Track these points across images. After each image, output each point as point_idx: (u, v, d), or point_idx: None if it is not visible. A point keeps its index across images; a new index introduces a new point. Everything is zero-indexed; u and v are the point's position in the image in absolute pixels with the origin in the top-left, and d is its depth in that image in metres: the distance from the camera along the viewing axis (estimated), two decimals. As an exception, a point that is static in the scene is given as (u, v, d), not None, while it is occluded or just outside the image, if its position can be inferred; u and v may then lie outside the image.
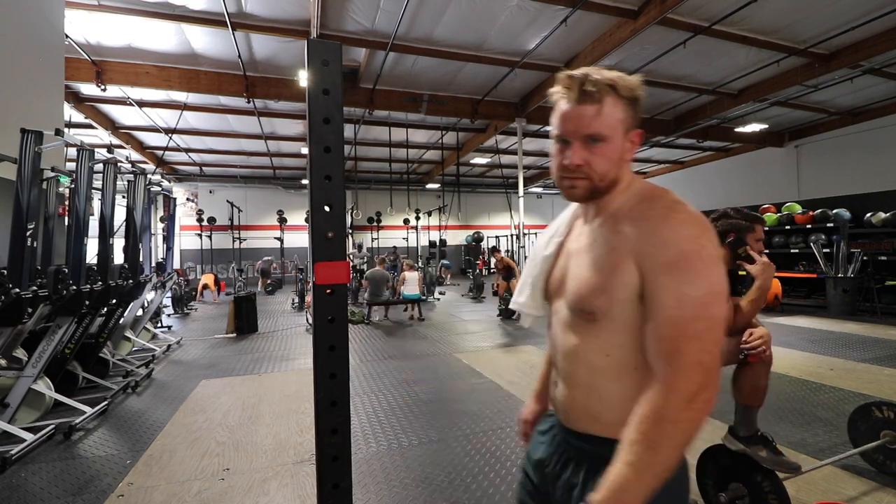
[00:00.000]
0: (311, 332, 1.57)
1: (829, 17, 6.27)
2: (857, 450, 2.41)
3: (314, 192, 0.99)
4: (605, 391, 0.84)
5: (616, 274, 0.79)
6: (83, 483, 2.55)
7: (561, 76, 0.84)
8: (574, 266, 0.90)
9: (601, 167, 0.82)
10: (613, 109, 0.80)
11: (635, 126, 0.85)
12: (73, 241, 3.80)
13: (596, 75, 0.81)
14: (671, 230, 0.75)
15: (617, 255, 0.80)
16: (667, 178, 17.18)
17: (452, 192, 15.73)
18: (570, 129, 0.82)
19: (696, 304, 0.71)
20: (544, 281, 1.00)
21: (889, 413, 2.39)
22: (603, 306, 0.80)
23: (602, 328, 0.82)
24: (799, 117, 11.04)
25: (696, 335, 0.71)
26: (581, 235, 0.93)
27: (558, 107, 0.84)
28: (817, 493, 2.28)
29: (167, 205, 7.28)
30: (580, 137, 0.81)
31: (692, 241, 0.74)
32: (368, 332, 7.19)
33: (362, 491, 2.40)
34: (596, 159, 0.82)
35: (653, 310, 0.75)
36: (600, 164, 0.82)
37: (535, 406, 1.20)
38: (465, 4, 5.89)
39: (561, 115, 0.83)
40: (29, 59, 4.54)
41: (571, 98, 0.82)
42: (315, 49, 0.99)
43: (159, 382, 4.54)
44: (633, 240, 0.78)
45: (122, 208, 4.71)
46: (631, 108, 0.83)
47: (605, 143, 0.81)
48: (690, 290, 0.72)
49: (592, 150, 0.81)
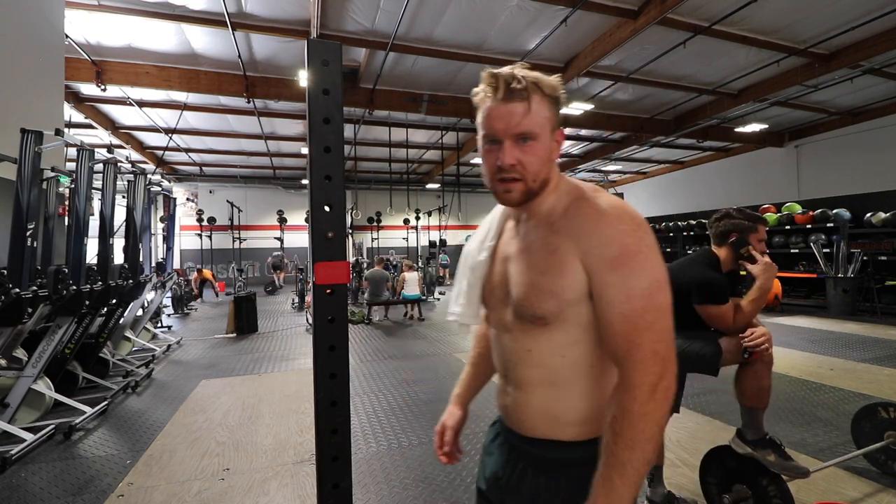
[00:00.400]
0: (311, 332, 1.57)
1: (829, 17, 6.27)
2: (862, 450, 2.40)
3: (314, 192, 0.99)
4: (564, 391, 0.83)
5: (562, 275, 0.78)
6: (83, 483, 2.55)
7: (486, 74, 0.83)
8: (515, 272, 0.87)
9: (533, 168, 0.81)
10: (540, 107, 0.80)
11: (559, 125, 0.85)
12: (73, 241, 3.81)
13: (521, 73, 0.80)
14: (610, 226, 0.76)
15: (560, 256, 0.79)
16: (667, 178, 17.18)
17: (452, 192, 15.73)
18: (501, 128, 0.80)
19: (644, 295, 0.72)
20: (481, 288, 0.97)
21: (894, 414, 2.38)
22: (553, 309, 0.79)
23: (554, 330, 0.81)
24: (799, 117, 11.04)
25: (648, 326, 0.72)
26: (515, 239, 0.91)
27: (484, 106, 0.82)
28: (817, 493, 2.28)
29: (167, 205, 7.27)
30: (511, 136, 0.80)
31: (631, 235, 0.75)
32: (368, 332, 7.19)
33: (362, 491, 2.40)
34: (528, 158, 0.80)
35: (604, 307, 0.75)
36: (533, 163, 0.81)
37: (458, 411, 1.13)
38: (465, 4, 5.89)
39: (489, 113, 0.81)
40: (29, 59, 4.54)
41: (498, 96, 0.80)
42: (315, 49, 0.99)
43: (159, 382, 4.54)
44: (575, 240, 0.78)
45: (122, 208, 4.72)
46: (554, 106, 0.83)
47: (535, 142, 0.80)
48: (636, 282, 0.72)
49: (524, 150, 0.80)
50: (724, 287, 1.90)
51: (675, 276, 2.02)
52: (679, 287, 1.99)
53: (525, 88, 0.79)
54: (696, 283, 1.92)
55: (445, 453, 1.10)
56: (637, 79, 8.34)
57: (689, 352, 1.93)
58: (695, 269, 1.96)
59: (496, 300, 0.93)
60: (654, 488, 2.13)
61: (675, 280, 2.16)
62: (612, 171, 17.68)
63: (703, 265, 1.98)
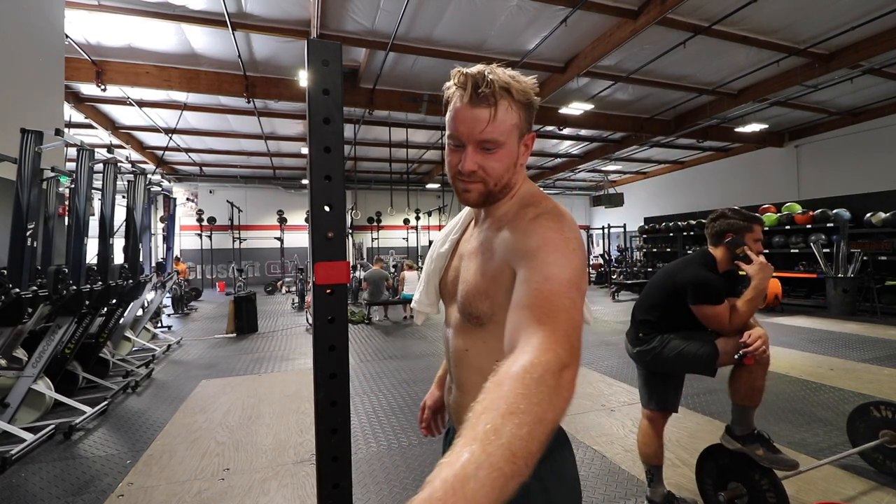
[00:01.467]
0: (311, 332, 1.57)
1: (829, 17, 6.27)
2: (856, 449, 2.41)
3: (314, 192, 0.99)
4: None
5: (497, 278, 0.78)
6: (83, 483, 2.55)
7: (455, 72, 0.80)
8: (464, 269, 0.89)
9: (495, 173, 0.80)
10: (507, 114, 0.78)
11: (529, 130, 0.82)
12: (73, 241, 3.81)
13: (491, 75, 0.77)
14: (538, 223, 0.75)
15: (496, 259, 0.80)
16: (667, 178, 17.18)
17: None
18: (465, 133, 0.79)
19: (563, 282, 0.67)
20: (438, 279, 1.01)
21: (887, 412, 2.39)
22: (487, 310, 0.80)
23: (489, 332, 0.81)
24: (799, 117, 11.04)
25: (565, 309, 0.64)
26: (472, 238, 0.93)
27: (452, 104, 0.80)
28: (817, 492, 2.28)
29: (167, 205, 7.28)
30: (474, 142, 0.78)
31: (556, 231, 0.73)
32: (368, 332, 7.19)
33: (362, 491, 2.40)
34: (490, 164, 0.79)
35: (518, 287, 0.70)
36: (495, 169, 0.80)
37: (437, 392, 1.19)
38: (465, 4, 5.89)
39: (455, 115, 0.79)
40: (29, 59, 4.54)
41: (465, 98, 0.77)
42: (315, 49, 0.99)
43: (159, 382, 4.54)
44: (508, 243, 0.78)
45: (122, 208, 4.72)
46: (525, 111, 0.80)
47: (499, 149, 0.79)
48: (556, 269, 0.68)
49: (486, 156, 0.79)
50: (719, 287, 1.90)
51: (672, 276, 2.03)
52: (675, 287, 1.99)
53: (493, 93, 0.76)
54: (691, 283, 1.92)
55: (425, 427, 1.20)
56: (637, 79, 8.35)
57: (686, 352, 1.93)
58: (690, 270, 1.97)
59: (448, 295, 0.96)
60: (653, 488, 2.13)
61: (671, 280, 2.16)
62: (612, 171, 17.68)
63: (699, 265, 1.98)
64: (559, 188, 21.01)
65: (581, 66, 7.36)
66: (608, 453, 2.74)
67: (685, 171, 16.30)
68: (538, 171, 17.44)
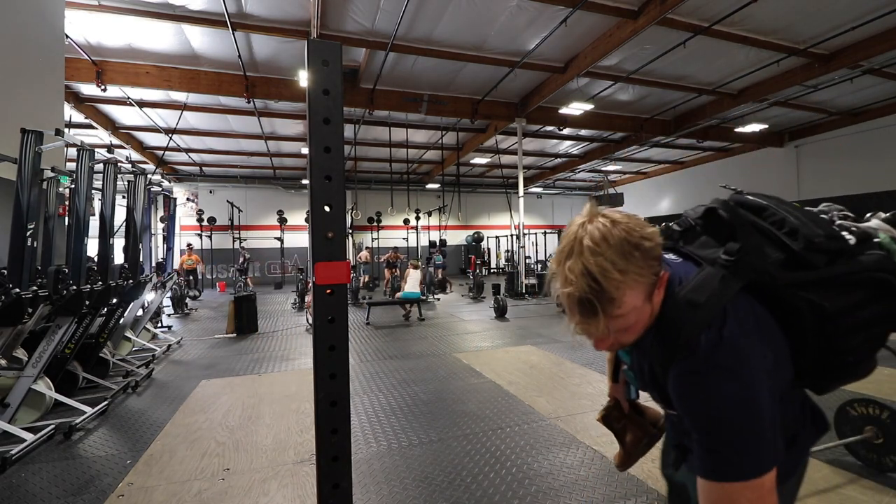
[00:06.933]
0: (311, 332, 1.57)
1: (829, 17, 6.27)
2: (842, 441, 2.52)
3: (314, 192, 0.99)
4: None
5: None
6: (83, 483, 2.55)
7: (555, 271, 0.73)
8: None
9: (631, 339, 0.76)
10: (625, 301, 0.69)
11: (658, 272, 0.73)
12: (73, 241, 3.80)
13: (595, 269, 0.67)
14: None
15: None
16: (667, 178, 17.19)
17: (452, 192, 15.72)
18: (589, 335, 0.75)
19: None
20: None
21: (862, 410, 2.51)
22: None
23: None
24: (799, 117, 11.05)
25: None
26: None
27: (562, 301, 0.73)
28: (817, 493, 2.28)
29: (167, 205, 7.27)
30: (601, 335, 0.74)
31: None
32: (368, 332, 7.20)
33: (362, 491, 2.40)
34: (624, 338, 0.75)
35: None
36: (630, 339, 0.76)
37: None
38: (465, 4, 5.89)
39: (570, 317, 0.74)
40: (29, 59, 4.54)
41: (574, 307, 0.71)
42: (315, 49, 0.99)
43: (159, 382, 4.53)
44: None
45: (122, 208, 4.71)
46: (646, 267, 0.70)
47: (630, 328, 0.74)
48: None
49: (618, 336, 0.75)
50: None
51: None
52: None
53: (600, 298, 0.68)
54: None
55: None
56: (637, 79, 8.35)
57: None
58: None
59: None
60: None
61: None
62: (612, 171, 17.68)
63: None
64: (559, 188, 21.02)
65: (581, 66, 7.36)
66: (608, 453, 2.74)
67: (685, 171, 16.31)
68: (538, 170, 17.45)
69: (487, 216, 21.01)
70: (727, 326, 0.70)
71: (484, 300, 10.74)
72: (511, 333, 6.66)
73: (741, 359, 0.68)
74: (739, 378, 0.66)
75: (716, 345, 0.69)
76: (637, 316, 0.72)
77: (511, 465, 2.65)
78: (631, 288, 0.69)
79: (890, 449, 2.40)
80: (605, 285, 0.67)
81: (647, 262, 0.70)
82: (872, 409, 2.48)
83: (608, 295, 0.68)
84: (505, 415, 3.40)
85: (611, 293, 0.68)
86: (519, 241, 11.00)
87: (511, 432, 3.09)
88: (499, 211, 20.76)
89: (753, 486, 0.64)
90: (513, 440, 2.97)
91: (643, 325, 0.75)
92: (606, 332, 0.71)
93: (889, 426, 2.40)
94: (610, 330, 0.72)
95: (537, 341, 5.99)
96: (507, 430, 3.14)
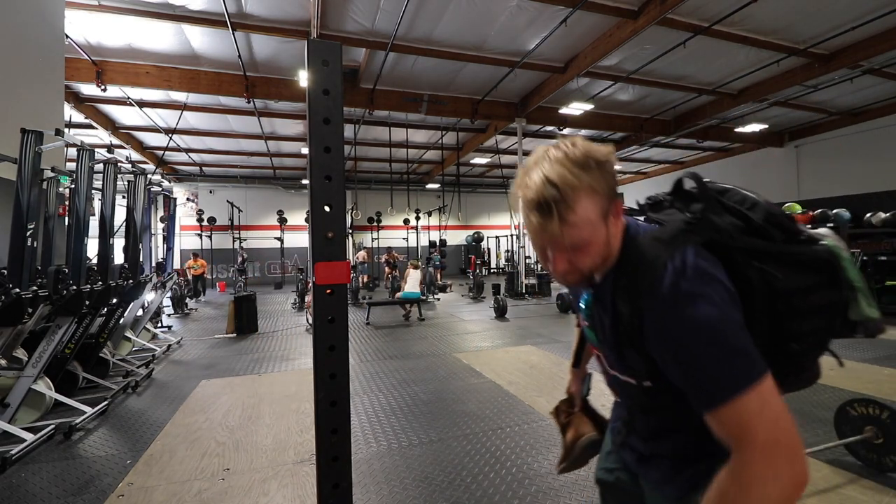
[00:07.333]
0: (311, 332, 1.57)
1: (829, 17, 6.27)
2: (843, 441, 2.50)
3: (314, 192, 0.99)
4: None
5: None
6: (83, 483, 2.55)
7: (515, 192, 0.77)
8: None
9: (588, 264, 0.77)
10: (582, 211, 0.71)
11: (613, 197, 0.76)
12: (73, 241, 3.80)
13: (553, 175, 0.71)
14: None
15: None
16: (667, 178, 17.19)
17: (452, 192, 15.73)
18: (543, 243, 0.77)
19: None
20: None
21: (861, 410, 2.49)
22: None
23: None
24: (799, 117, 11.05)
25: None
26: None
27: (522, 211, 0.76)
28: (817, 492, 2.28)
29: (167, 205, 7.27)
30: (558, 248, 0.76)
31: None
32: (368, 332, 7.20)
33: (362, 491, 2.40)
34: (581, 260, 0.76)
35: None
36: (586, 262, 0.77)
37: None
38: (465, 4, 5.89)
39: (527, 225, 0.76)
40: (29, 59, 4.54)
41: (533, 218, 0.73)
42: (315, 49, 0.99)
43: (159, 382, 4.54)
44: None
45: (122, 208, 4.71)
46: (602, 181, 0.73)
47: (587, 246, 0.75)
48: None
49: (574, 255, 0.76)
50: None
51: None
52: None
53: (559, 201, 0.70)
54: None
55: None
56: (637, 79, 8.35)
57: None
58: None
59: None
60: None
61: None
62: (612, 171, 17.68)
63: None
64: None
65: (581, 66, 7.36)
66: (608, 453, 2.74)
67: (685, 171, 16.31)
68: (538, 171, 17.42)
69: (487, 216, 21.01)
70: (690, 255, 0.74)
71: (484, 300, 10.75)
72: (511, 333, 6.66)
73: (708, 281, 0.71)
74: (711, 301, 0.69)
75: (682, 271, 0.71)
76: (592, 232, 0.73)
77: (511, 465, 2.65)
78: (587, 195, 0.72)
79: (890, 449, 2.40)
80: (562, 188, 0.70)
81: (602, 174, 0.73)
82: (872, 409, 2.48)
83: (564, 199, 0.70)
84: (505, 415, 3.40)
85: (567, 197, 0.70)
86: (519, 241, 11.00)
87: (511, 432, 3.09)
88: (499, 211, 20.76)
89: (755, 393, 0.66)
90: (513, 440, 2.97)
91: (598, 251, 0.76)
92: (561, 237, 0.72)
93: (889, 426, 2.40)
94: (566, 239, 0.73)
95: (537, 341, 5.99)
96: (507, 430, 3.14)
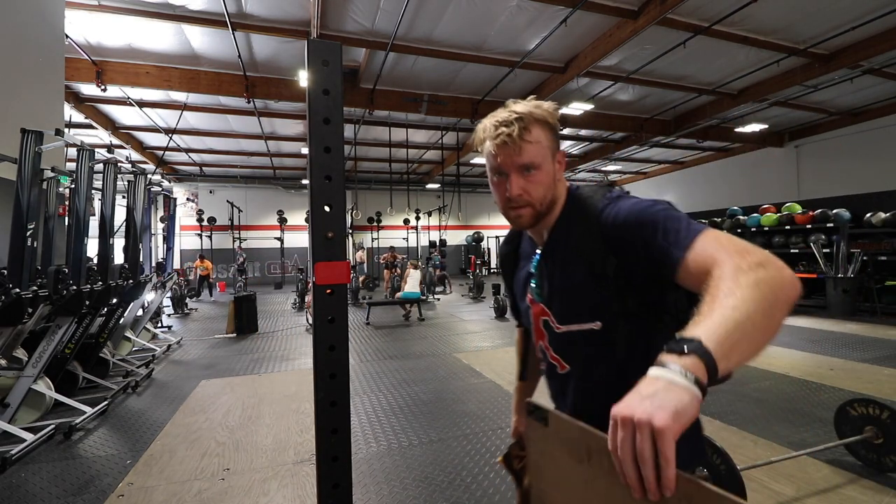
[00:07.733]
0: (311, 332, 1.57)
1: (829, 17, 6.27)
2: (843, 441, 2.50)
3: (314, 192, 0.99)
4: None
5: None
6: (83, 483, 2.55)
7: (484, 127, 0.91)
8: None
9: (538, 195, 0.90)
10: (538, 137, 0.88)
11: (558, 148, 0.93)
12: (73, 241, 3.80)
13: (516, 109, 0.88)
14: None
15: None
16: (667, 178, 17.19)
17: (452, 192, 15.72)
18: (505, 162, 0.88)
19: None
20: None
21: (862, 410, 2.49)
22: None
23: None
24: (799, 117, 11.04)
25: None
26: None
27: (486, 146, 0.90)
28: (817, 491, 2.28)
29: (167, 205, 7.27)
30: (515, 168, 0.88)
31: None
32: (369, 332, 7.20)
33: (362, 491, 2.40)
34: (533, 187, 0.89)
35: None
36: (538, 191, 0.90)
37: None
38: (465, 4, 5.89)
39: (493, 150, 0.89)
40: (29, 59, 4.54)
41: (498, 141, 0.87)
42: (315, 49, 0.99)
43: (159, 382, 4.54)
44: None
45: (122, 208, 4.72)
46: (551, 133, 0.90)
47: (538, 171, 0.88)
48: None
49: (528, 180, 0.89)
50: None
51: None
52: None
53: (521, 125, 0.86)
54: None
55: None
56: (637, 79, 8.34)
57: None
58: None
59: None
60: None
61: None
62: (612, 171, 17.67)
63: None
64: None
65: (581, 66, 7.36)
66: (608, 453, 2.74)
67: (685, 171, 16.30)
68: (538, 171, 17.43)
69: (487, 216, 21.00)
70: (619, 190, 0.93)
71: (484, 300, 10.74)
72: (511, 333, 6.66)
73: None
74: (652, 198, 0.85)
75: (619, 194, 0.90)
76: (543, 157, 0.88)
77: (511, 465, 2.64)
78: (541, 126, 0.88)
79: (890, 449, 2.40)
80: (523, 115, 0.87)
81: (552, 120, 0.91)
82: (872, 409, 2.48)
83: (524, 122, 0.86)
84: (505, 415, 3.40)
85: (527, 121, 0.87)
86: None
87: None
88: (499, 211, 20.72)
89: (712, 231, 0.74)
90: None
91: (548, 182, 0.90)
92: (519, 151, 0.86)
93: (889, 426, 2.40)
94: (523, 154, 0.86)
95: (537, 341, 5.99)
96: (508, 430, 3.14)
